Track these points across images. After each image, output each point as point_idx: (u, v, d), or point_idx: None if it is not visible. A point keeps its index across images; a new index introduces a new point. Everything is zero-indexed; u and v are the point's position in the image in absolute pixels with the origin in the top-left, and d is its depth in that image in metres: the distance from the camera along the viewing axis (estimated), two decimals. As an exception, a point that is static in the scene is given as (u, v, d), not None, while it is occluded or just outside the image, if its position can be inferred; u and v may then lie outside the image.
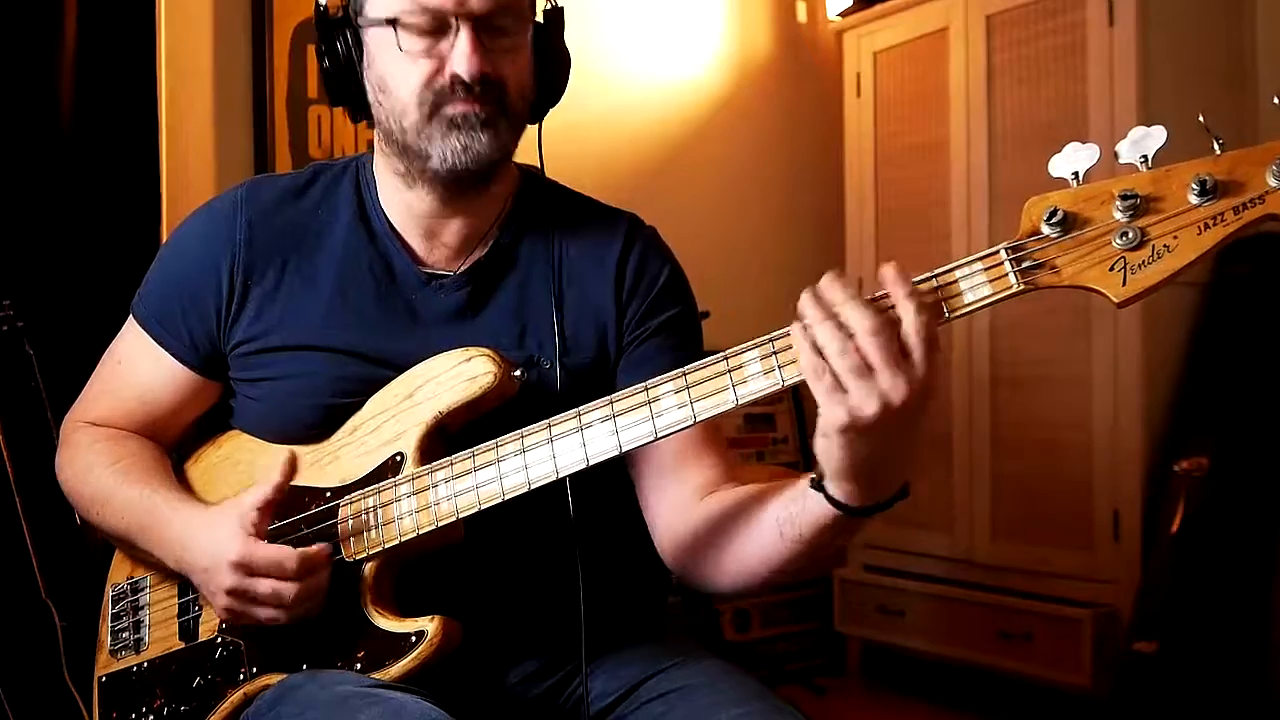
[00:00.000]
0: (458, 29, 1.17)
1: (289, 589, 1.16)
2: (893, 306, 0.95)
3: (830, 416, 0.96)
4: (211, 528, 1.20)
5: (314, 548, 1.17)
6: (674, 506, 1.26)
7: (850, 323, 0.94)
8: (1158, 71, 2.76)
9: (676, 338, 1.32)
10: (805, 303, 0.97)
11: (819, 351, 0.95)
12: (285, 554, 1.16)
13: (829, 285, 0.97)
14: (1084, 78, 2.87)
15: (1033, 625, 2.92)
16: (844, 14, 3.63)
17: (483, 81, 1.18)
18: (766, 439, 3.56)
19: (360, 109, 1.28)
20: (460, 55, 1.17)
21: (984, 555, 3.10)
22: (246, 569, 1.16)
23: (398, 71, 1.20)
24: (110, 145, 2.48)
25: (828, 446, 0.99)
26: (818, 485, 1.04)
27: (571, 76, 1.31)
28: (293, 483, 1.25)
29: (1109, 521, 2.82)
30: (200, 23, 2.71)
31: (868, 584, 3.38)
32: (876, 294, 0.97)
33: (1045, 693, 2.93)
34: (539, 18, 1.27)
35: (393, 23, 1.18)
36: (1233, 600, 2.62)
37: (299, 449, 1.27)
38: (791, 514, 1.09)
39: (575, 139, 3.13)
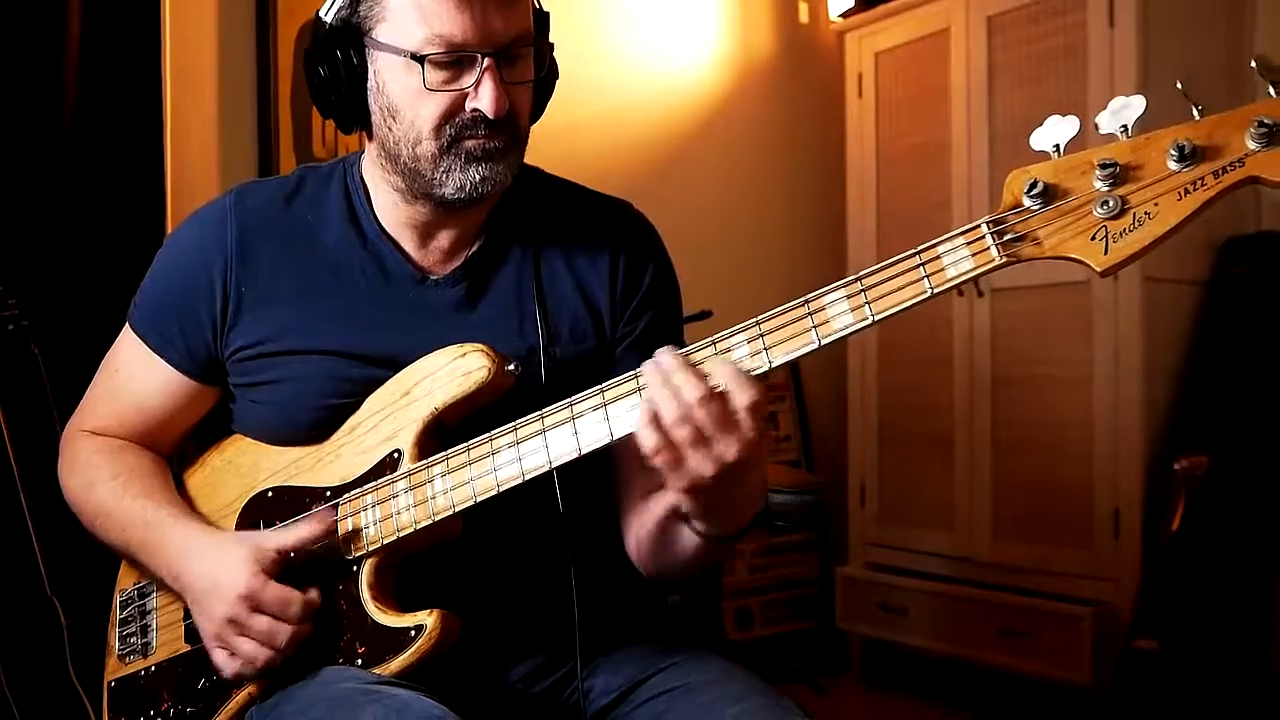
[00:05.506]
0: (481, 64, 1.16)
1: (285, 631, 1.17)
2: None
3: (673, 483, 1.07)
4: (220, 553, 1.21)
5: (313, 594, 1.19)
6: (632, 504, 1.29)
7: (684, 391, 1.03)
8: (1158, 72, 2.75)
9: (658, 343, 1.33)
10: (647, 370, 1.06)
11: (658, 426, 1.04)
12: (294, 596, 1.17)
13: (664, 355, 1.06)
14: (1084, 78, 2.87)
15: (1033, 623, 2.92)
16: (845, 15, 3.63)
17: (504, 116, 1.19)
18: (769, 437, 3.55)
19: (356, 124, 1.26)
20: (486, 94, 1.17)
21: (985, 553, 3.10)
22: (253, 603, 1.17)
23: (415, 103, 1.18)
24: (115, 144, 2.48)
25: (678, 500, 1.11)
26: (684, 517, 1.17)
27: (573, 77, 1.32)
28: (293, 483, 1.27)
29: (1109, 520, 2.82)
30: (205, 22, 2.71)
31: (869, 582, 3.38)
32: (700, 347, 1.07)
33: (1046, 690, 2.93)
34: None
35: (419, 59, 1.16)
36: (1233, 598, 2.62)
37: (301, 450, 1.28)
38: (678, 531, 1.20)
39: (575, 139, 3.15)
